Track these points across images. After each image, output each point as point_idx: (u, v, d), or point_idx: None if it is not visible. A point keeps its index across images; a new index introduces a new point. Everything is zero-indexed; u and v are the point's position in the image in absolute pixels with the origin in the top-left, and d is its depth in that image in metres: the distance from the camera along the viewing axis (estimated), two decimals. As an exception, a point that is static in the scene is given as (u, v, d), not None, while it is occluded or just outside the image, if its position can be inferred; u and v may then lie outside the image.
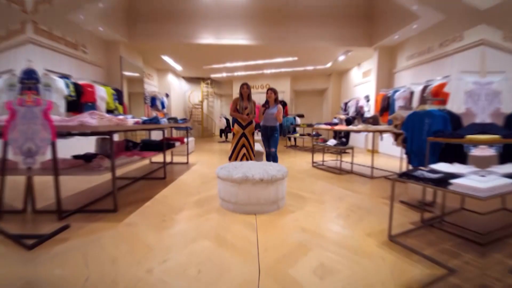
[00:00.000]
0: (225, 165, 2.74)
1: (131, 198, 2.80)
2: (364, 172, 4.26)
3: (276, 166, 2.67)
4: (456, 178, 1.48)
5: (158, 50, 7.25)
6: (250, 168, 2.56)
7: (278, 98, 3.81)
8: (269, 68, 9.51)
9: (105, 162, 2.31)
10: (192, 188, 3.22)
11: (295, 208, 2.50)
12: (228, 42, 6.45)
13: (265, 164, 2.81)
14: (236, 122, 3.76)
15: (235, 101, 3.75)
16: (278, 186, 2.39)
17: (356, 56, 7.60)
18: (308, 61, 8.33)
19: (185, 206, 2.53)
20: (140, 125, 2.92)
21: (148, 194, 2.95)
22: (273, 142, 3.70)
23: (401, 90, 5.59)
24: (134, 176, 3.85)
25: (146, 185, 3.40)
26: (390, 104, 5.83)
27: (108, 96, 5.61)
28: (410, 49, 5.79)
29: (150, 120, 3.29)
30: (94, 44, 5.70)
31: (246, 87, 3.67)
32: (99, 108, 5.37)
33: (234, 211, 2.37)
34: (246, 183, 2.29)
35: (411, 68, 5.76)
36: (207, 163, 5.09)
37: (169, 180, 3.63)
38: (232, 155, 3.67)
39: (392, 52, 6.50)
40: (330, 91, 10.30)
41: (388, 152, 6.01)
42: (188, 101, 11.90)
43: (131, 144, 3.66)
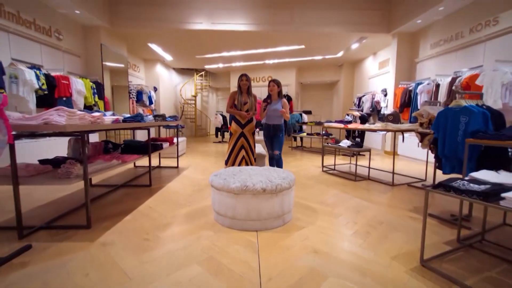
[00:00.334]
0: (220, 171, 2.59)
1: (109, 210, 2.65)
2: (383, 178, 4.10)
3: (281, 173, 2.52)
4: (509, 192, 1.32)
5: (144, 37, 7.10)
6: (250, 175, 2.41)
7: (282, 91, 3.66)
8: (271, 58, 9.36)
9: (76, 168, 2.16)
10: (181, 198, 3.07)
11: (304, 223, 2.34)
12: (224, 27, 6.29)
13: (268, 170, 2.66)
14: (233, 120, 3.61)
15: (232, 95, 3.60)
16: (283, 198, 2.24)
17: (372, 44, 7.44)
18: (316, 49, 8.17)
19: (172, 221, 2.38)
20: (120, 124, 2.77)
21: (130, 205, 2.80)
22: (277, 143, 3.55)
23: (424, 82, 5.45)
24: (115, 183, 3.70)
25: (128, 193, 3.25)
26: (412, 99, 5.69)
27: (86, 90, 5.48)
28: (435, 35, 5.63)
29: (133, 118, 3.14)
30: (70, 30, 5.55)
31: (245, 78, 3.52)
32: (75, 103, 5.24)
33: (231, 227, 2.21)
34: (245, 194, 2.13)
35: (435, 57, 5.60)
36: (200, 168, 4.94)
37: (156, 188, 3.48)
38: (229, 159, 3.52)
39: (413, 39, 6.34)
40: (341, 84, 10.14)
41: (408, 154, 5.85)
42: (179, 95, 11.76)
43: (111, 145, 3.52)
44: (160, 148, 3.96)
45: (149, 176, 3.55)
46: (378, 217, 2.49)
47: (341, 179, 4.06)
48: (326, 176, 4.30)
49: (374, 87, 8.10)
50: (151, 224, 2.31)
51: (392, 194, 3.31)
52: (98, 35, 6.07)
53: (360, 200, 3.02)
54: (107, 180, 3.91)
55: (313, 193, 3.29)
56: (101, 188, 3.42)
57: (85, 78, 5.56)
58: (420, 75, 6.10)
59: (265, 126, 3.66)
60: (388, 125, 3.74)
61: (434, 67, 5.64)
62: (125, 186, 3.56)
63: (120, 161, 2.86)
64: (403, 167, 5.02)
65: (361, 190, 3.48)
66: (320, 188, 3.56)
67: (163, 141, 4.47)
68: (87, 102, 5.58)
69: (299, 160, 5.88)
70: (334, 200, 3.03)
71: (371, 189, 3.54)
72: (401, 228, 2.26)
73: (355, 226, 2.28)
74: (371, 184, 3.78)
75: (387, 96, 6.98)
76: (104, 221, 2.35)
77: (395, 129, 3.63)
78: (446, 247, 1.92)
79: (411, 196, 3.22)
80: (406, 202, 2.98)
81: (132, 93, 7.67)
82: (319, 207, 2.78)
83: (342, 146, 4.19)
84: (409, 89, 5.84)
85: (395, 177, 3.87)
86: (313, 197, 3.14)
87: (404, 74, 6.45)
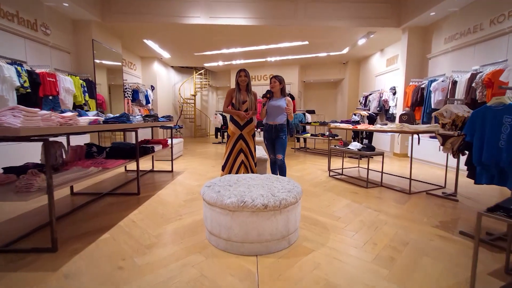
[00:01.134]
0: (214, 181, 2.22)
1: (85, 226, 2.28)
2: (397, 184, 3.71)
3: (286, 183, 2.14)
4: None
5: (139, 32, 6.74)
6: (249, 186, 2.03)
7: (285, 88, 3.28)
8: (273, 56, 8.98)
9: (39, 179, 1.79)
10: (171, 210, 2.69)
11: (313, 244, 1.96)
12: (222, 22, 5.91)
13: (270, 179, 2.28)
14: (231, 120, 3.23)
15: (230, 93, 3.22)
16: (289, 215, 1.86)
17: (379, 40, 7.04)
18: (321, 46, 7.77)
19: (156, 241, 2.00)
20: (98, 126, 2.39)
21: (111, 219, 2.43)
22: (279, 146, 3.17)
23: (439, 79, 5.04)
24: (99, 190, 3.33)
25: (112, 204, 2.88)
26: (425, 97, 5.28)
27: (76, 88, 5.12)
28: (450, 28, 5.22)
29: (117, 119, 2.77)
30: (58, 24, 5.19)
31: (243, 74, 3.14)
32: (63, 102, 4.90)
33: (226, 250, 1.84)
34: (243, 211, 1.75)
35: (450, 52, 5.19)
36: (197, 172, 4.57)
37: (144, 197, 3.11)
38: (226, 164, 3.15)
39: (425, 33, 5.93)
40: (346, 83, 9.74)
41: (421, 157, 5.44)
42: (178, 94, 11.39)
43: (96, 149, 3.15)
44: (151, 152, 3.59)
45: (137, 183, 3.17)
46: (401, 236, 2.10)
47: (351, 186, 3.67)
48: (333, 182, 3.91)
49: (382, 85, 7.69)
50: (130, 245, 1.93)
51: (410, 204, 2.92)
52: (89, 30, 5.71)
53: (375, 213, 2.63)
54: (92, 187, 3.54)
55: (321, 204, 2.90)
56: (82, 197, 3.05)
57: (74, 75, 5.21)
58: (432, 72, 5.69)
59: (266, 126, 3.28)
60: (404, 126, 3.35)
61: (449, 63, 5.22)
62: (110, 195, 3.19)
63: (100, 167, 2.50)
64: (417, 171, 4.62)
65: (375, 199, 3.08)
66: (329, 197, 3.17)
67: (155, 143, 4.10)
68: (76, 101, 5.23)
69: (302, 163, 5.49)
70: (346, 212, 2.65)
71: (386, 198, 3.14)
72: (431, 251, 1.87)
73: (375, 249, 1.89)
74: (385, 192, 3.39)
75: (396, 95, 6.58)
76: (75, 241, 1.98)
77: (412, 130, 3.24)
78: (493, 281, 1.53)
79: (433, 207, 2.82)
80: (429, 215, 2.59)
81: (127, 92, 7.31)
82: (329, 221, 2.40)
83: (352, 149, 3.80)
84: (421, 86, 5.43)
85: (413, 182, 3.47)
86: (321, 208, 2.75)
87: (415, 71, 6.04)
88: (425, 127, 3.39)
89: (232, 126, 3.20)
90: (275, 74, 3.30)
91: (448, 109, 3.00)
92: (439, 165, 4.98)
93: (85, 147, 3.02)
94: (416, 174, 4.33)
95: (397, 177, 4.15)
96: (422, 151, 5.34)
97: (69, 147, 2.92)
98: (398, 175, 4.26)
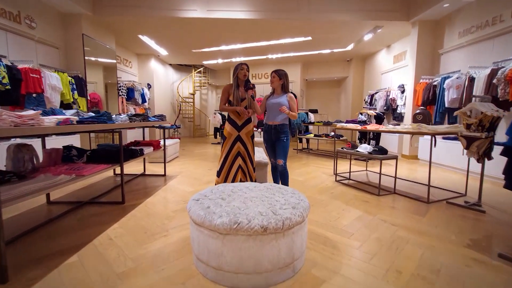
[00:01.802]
0: (204, 192, 1.86)
1: (51, 245, 1.93)
2: (411, 191, 3.35)
3: (289, 195, 1.79)
4: None
5: (134, 27, 6.38)
6: (246, 200, 1.67)
7: (287, 84, 2.92)
8: (274, 52, 8.61)
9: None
10: (158, 222, 2.34)
11: (324, 271, 1.60)
12: (221, 15, 5.55)
13: (271, 189, 1.92)
14: (228, 120, 2.87)
15: (226, 89, 2.87)
16: (294, 237, 1.50)
17: (386, 35, 6.66)
18: (324, 42, 7.40)
19: (134, 266, 1.65)
20: (67, 127, 2.03)
21: (84, 235, 2.08)
22: (280, 150, 2.81)
23: (453, 76, 4.67)
24: (80, 198, 2.98)
25: (91, 215, 2.53)
26: (438, 95, 4.91)
27: (63, 85, 4.78)
28: (465, 21, 4.84)
29: (96, 118, 2.42)
30: (45, 17, 4.85)
31: (246, 67, 2.79)
32: (49, 100, 4.56)
33: (216, 281, 1.48)
34: (237, 234, 1.40)
35: (466, 46, 4.80)
36: (192, 176, 4.22)
37: (129, 206, 2.76)
38: (221, 170, 2.79)
39: (437, 27, 5.55)
40: (350, 81, 9.36)
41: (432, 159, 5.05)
42: (176, 93, 11.05)
43: (76, 152, 2.80)
44: (138, 155, 3.24)
45: (122, 191, 2.82)
46: (429, 260, 1.74)
47: (360, 193, 3.31)
48: (341, 187, 3.55)
49: (388, 83, 7.31)
50: (100, 273, 1.58)
51: (431, 216, 2.55)
52: (79, 24, 5.37)
53: (393, 227, 2.27)
54: (72, 194, 3.19)
55: (329, 215, 2.54)
56: (59, 207, 2.70)
57: (62, 72, 4.87)
58: (445, 68, 5.31)
59: (265, 126, 2.93)
60: (422, 127, 2.97)
61: (464, 58, 4.84)
62: (91, 204, 2.84)
63: (73, 175, 2.14)
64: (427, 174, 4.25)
65: (390, 210, 2.72)
66: (337, 206, 2.81)
67: (146, 145, 3.75)
68: (64, 100, 4.89)
69: (306, 166, 5.12)
70: (358, 226, 2.29)
71: (402, 208, 2.78)
72: (470, 281, 1.51)
73: (400, 279, 1.53)
74: (400, 201, 3.02)
75: (405, 93, 6.20)
76: (35, 267, 1.63)
77: (431, 131, 2.86)
78: None
79: (458, 220, 2.46)
80: (456, 230, 2.22)
81: (122, 90, 6.96)
82: (340, 239, 2.04)
83: (362, 152, 3.43)
84: (434, 84, 5.06)
85: (426, 189, 3.10)
86: (330, 221, 2.39)
87: (425, 68, 5.67)
88: (444, 127, 3.02)
89: (228, 126, 2.84)
90: (276, 69, 2.93)
91: (474, 107, 2.63)
92: (452, 168, 4.60)
93: (62, 151, 2.67)
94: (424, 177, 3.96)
95: (410, 183, 3.78)
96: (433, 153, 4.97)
97: (43, 150, 2.57)
98: (411, 180, 3.89)
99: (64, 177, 2.03)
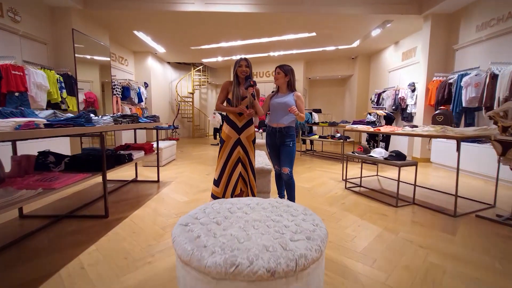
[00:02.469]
0: (195, 212, 1.49)
1: (10, 276, 1.57)
2: (431, 200, 2.98)
3: (301, 217, 1.42)
4: None
5: (128, 22, 6.02)
6: (246, 225, 1.31)
7: (294, 81, 2.56)
8: (276, 50, 8.24)
9: None
10: (142, 244, 1.98)
11: (347, 319, 1.24)
12: (220, 8, 5.19)
13: (277, 208, 1.56)
14: (226, 121, 2.51)
15: (225, 86, 2.52)
16: (310, 279, 1.14)
17: (395, 31, 6.28)
18: (329, 38, 7.02)
19: (104, 310, 1.29)
20: (27, 132, 1.66)
21: (52, 262, 1.72)
22: (285, 156, 2.44)
23: (472, 73, 4.29)
24: (58, 211, 2.61)
25: (66, 234, 2.17)
26: (455, 94, 4.53)
27: (50, 84, 4.43)
28: (483, 14, 4.46)
29: (71, 121, 2.05)
30: (31, 10, 4.49)
31: (245, 64, 2.44)
32: (34, 99, 4.22)
33: (208, 337, 1.12)
34: (235, 279, 1.03)
35: (485, 41, 4.42)
36: (188, 182, 3.86)
37: (113, 221, 2.40)
38: (220, 179, 2.43)
39: (451, 21, 5.16)
40: (355, 79, 8.98)
41: (446, 162, 4.69)
42: (175, 92, 10.69)
43: (53, 159, 2.45)
44: (126, 161, 2.87)
45: (104, 203, 2.45)
46: (477, 300, 1.38)
47: (375, 203, 2.94)
48: (352, 196, 3.18)
49: (396, 82, 6.93)
50: (59, 321, 1.22)
51: (463, 234, 2.18)
52: (69, 18, 5.01)
53: (422, 250, 1.90)
54: (52, 205, 2.83)
55: (344, 233, 2.18)
56: (32, 222, 2.34)
57: (49, 69, 4.51)
58: (460, 65, 4.92)
59: (268, 129, 2.56)
60: (447, 130, 2.60)
61: (483, 53, 4.46)
62: (70, 217, 2.48)
63: (40, 189, 1.79)
64: (447, 180, 3.89)
65: (413, 225, 2.35)
66: (351, 221, 2.44)
67: (136, 149, 3.39)
68: (52, 99, 4.54)
69: (311, 170, 4.76)
70: (381, 249, 1.92)
71: (426, 223, 2.41)
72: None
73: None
74: (421, 213, 2.65)
75: (416, 92, 5.82)
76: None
77: (458, 135, 2.49)
78: None
79: (496, 239, 2.09)
80: (498, 254, 1.85)
81: (116, 89, 6.61)
82: (362, 268, 1.67)
83: (376, 158, 3.06)
84: (449, 81, 4.68)
85: (448, 199, 2.74)
86: (346, 241, 2.03)
87: (439, 65, 5.28)
88: (473, 130, 2.64)
89: (227, 128, 2.47)
90: (281, 64, 2.57)
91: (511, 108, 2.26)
92: (471, 173, 4.22)
93: (35, 158, 2.31)
94: (445, 184, 3.60)
95: (427, 190, 3.41)
96: (445, 155, 4.60)
97: (11, 158, 2.21)
98: (429, 188, 3.51)
99: (27, 192, 1.67)
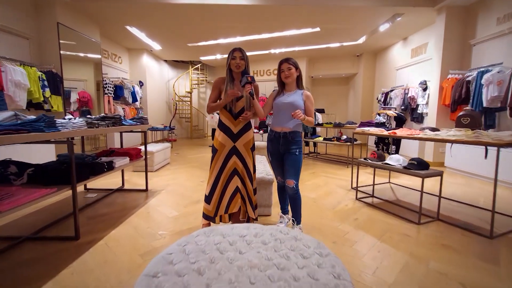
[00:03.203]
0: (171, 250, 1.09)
1: None
2: (456, 215, 2.58)
3: (315, 257, 1.02)
4: None
5: (120, 17, 5.63)
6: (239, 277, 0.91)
7: (302, 78, 2.17)
8: (278, 47, 7.84)
9: None
10: (113, 279, 1.58)
11: None
12: (219, 1, 4.79)
13: (282, 241, 1.16)
14: (219, 126, 2.12)
15: (217, 83, 2.14)
16: None
17: (404, 26, 5.87)
18: (334, 34, 6.61)
19: None
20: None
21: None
22: (290, 166, 2.04)
23: (493, 69, 3.88)
24: (20, 232, 2.21)
25: (21, 263, 1.78)
26: (474, 93, 4.12)
27: (31, 82, 4.04)
28: (505, 5, 4.05)
29: (29, 125, 1.66)
30: (10, 2, 4.10)
31: (239, 55, 2.07)
32: (12, 99, 3.84)
33: None
34: None
35: (508, 35, 4.01)
36: (180, 191, 3.46)
37: (83, 244, 2.00)
38: (212, 195, 2.04)
39: (467, 14, 4.75)
40: (360, 78, 8.57)
41: (462, 167, 4.29)
42: (172, 91, 10.29)
43: (16, 169, 2.06)
44: (105, 170, 2.48)
45: (75, 223, 2.06)
46: None
47: (393, 219, 2.54)
48: (365, 210, 2.79)
49: (404, 80, 6.52)
50: None
51: (507, 262, 1.78)
52: (53, 10, 4.63)
53: (459, 286, 1.50)
54: (19, 222, 2.43)
55: (362, 263, 1.78)
56: (-15, 247, 1.95)
57: (30, 66, 4.13)
58: (478, 61, 4.52)
59: (270, 134, 2.17)
60: (482, 135, 2.20)
61: (505, 48, 4.05)
62: (33, 239, 2.08)
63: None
64: (467, 189, 3.49)
65: (444, 251, 1.95)
66: (368, 244, 2.04)
67: (121, 155, 3.00)
68: (33, 98, 4.15)
69: (315, 176, 4.36)
70: (406, 282, 1.52)
71: (460, 247, 2.00)
72: None
73: None
74: (450, 233, 2.25)
75: (428, 90, 5.41)
76: None
77: (495, 142, 2.09)
78: None
79: (550, 272, 1.69)
80: None
81: (108, 88, 6.21)
82: (391, 318, 1.28)
83: (394, 166, 2.66)
84: (467, 79, 4.27)
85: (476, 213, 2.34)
86: (366, 275, 1.63)
87: (454, 61, 4.87)
88: (508, 134, 2.24)
89: (220, 135, 2.08)
90: (286, 58, 2.16)
91: None
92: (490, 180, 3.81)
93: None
94: (470, 195, 3.20)
95: (449, 201, 3.01)
96: (462, 159, 4.19)
97: (-42, 170, 1.83)
98: (450, 198, 3.11)
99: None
